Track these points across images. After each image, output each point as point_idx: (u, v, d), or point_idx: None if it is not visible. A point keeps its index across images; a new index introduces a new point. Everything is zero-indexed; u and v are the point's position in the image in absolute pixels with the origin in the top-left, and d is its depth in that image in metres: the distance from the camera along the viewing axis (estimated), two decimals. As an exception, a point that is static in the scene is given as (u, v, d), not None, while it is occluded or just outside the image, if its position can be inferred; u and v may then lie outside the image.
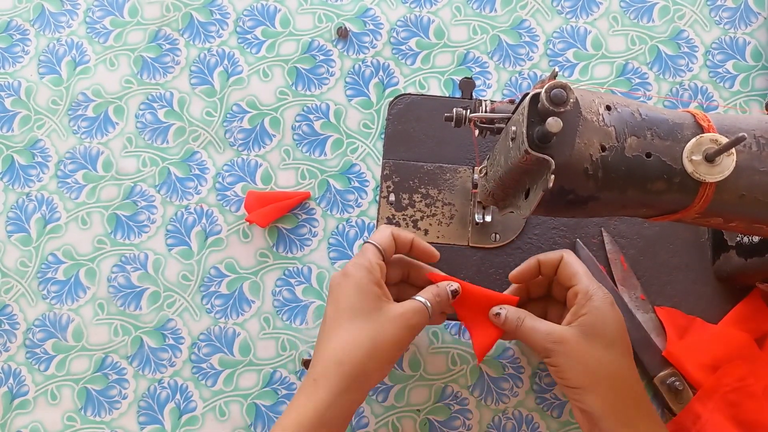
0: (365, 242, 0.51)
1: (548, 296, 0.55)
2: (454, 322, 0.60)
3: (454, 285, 0.51)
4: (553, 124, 0.38)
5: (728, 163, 0.40)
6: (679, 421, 0.55)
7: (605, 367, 0.47)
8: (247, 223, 0.62)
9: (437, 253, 0.54)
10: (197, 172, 0.64)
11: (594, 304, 0.48)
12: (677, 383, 0.55)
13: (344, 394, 0.46)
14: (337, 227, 0.62)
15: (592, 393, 0.47)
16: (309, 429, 0.45)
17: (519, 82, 0.65)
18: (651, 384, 0.56)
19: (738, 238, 0.56)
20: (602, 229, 0.60)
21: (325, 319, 0.50)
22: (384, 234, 0.52)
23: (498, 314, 0.51)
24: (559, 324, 0.49)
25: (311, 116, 0.65)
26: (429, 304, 0.50)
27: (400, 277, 0.54)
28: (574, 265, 0.50)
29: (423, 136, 0.63)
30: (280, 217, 0.62)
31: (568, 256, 0.51)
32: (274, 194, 0.62)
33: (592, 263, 0.58)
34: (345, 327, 0.48)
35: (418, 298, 0.50)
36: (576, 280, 0.49)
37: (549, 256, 0.52)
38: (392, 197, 0.62)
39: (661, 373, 0.56)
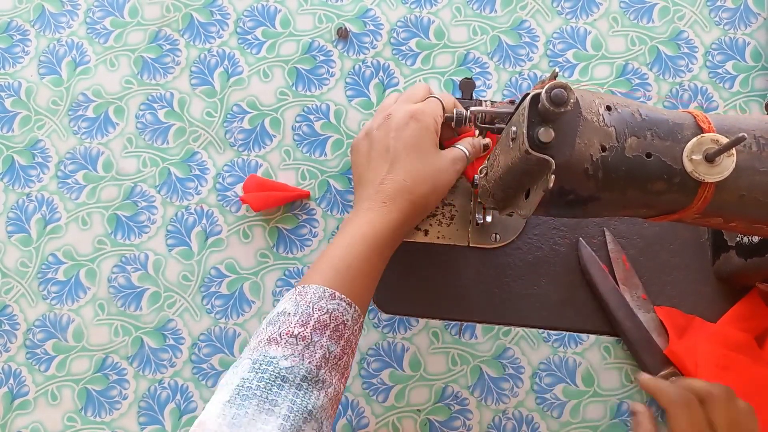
0: (432, 96, 0.55)
1: None
2: (454, 322, 0.60)
3: (486, 140, 0.58)
4: (544, 133, 0.38)
5: (728, 163, 0.40)
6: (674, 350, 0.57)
7: None
8: (241, 203, 0.62)
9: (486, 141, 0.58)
10: (197, 172, 0.64)
11: None
12: None
13: (410, 219, 0.52)
14: (338, 228, 0.62)
15: None
16: (388, 241, 0.50)
17: (519, 82, 0.65)
18: None
19: (738, 238, 0.56)
20: (604, 228, 0.60)
21: (395, 148, 0.52)
22: (449, 100, 0.56)
23: (635, 413, 0.55)
24: None
25: (311, 117, 0.65)
26: (468, 154, 0.56)
27: None
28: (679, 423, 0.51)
29: (423, 137, 0.63)
30: (274, 208, 0.62)
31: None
32: (274, 183, 0.62)
33: (594, 262, 0.59)
34: (412, 161, 0.52)
35: (459, 146, 0.55)
36: None
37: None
38: None
39: (661, 373, 0.56)
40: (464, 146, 0.56)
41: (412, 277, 0.59)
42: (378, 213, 0.50)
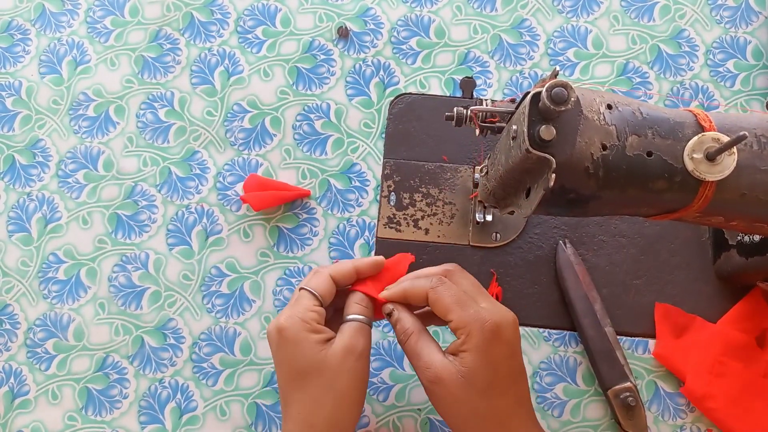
0: (300, 288, 0.49)
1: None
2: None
3: (389, 308, 0.48)
4: (545, 132, 0.38)
5: (729, 162, 0.40)
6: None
7: (480, 417, 0.44)
8: (242, 202, 0.62)
9: (381, 259, 0.51)
10: (198, 171, 0.64)
11: (474, 342, 0.44)
12: (630, 399, 0.55)
13: None
14: (338, 227, 0.62)
15: None
16: None
17: (520, 81, 0.65)
18: (605, 396, 0.56)
19: (739, 237, 0.56)
20: (562, 241, 0.59)
21: (279, 382, 0.48)
22: (320, 280, 0.49)
23: (390, 315, 0.48)
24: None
25: (312, 116, 0.65)
26: (363, 317, 0.48)
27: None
28: (443, 301, 0.45)
29: (424, 136, 0.63)
30: (275, 207, 0.62)
31: (434, 293, 0.46)
32: (275, 183, 0.62)
33: (569, 266, 0.58)
34: (302, 391, 0.46)
35: (349, 317, 0.48)
36: (450, 315, 0.45)
37: (415, 289, 0.47)
38: (393, 197, 0.62)
39: (616, 387, 0.55)
40: (353, 312, 0.48)
41: (413, 276, 0.59)
42: None
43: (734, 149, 0.40)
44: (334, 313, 0.51)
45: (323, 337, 0.47)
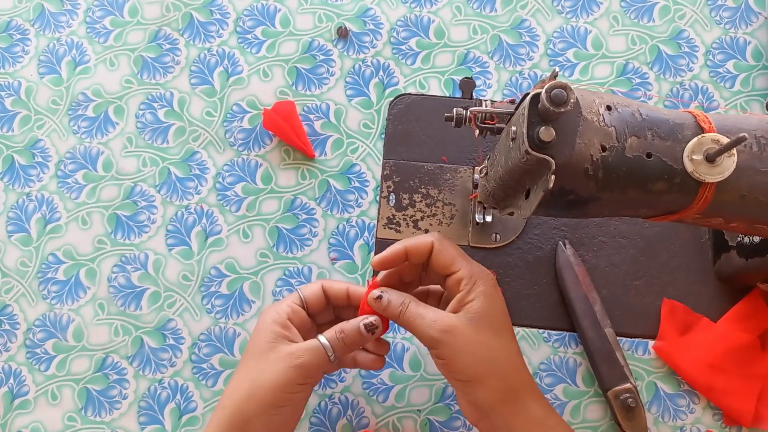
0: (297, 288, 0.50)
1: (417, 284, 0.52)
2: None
3: (371, 318, 0.47)
4: (545, 133, 0.38)
5: (729, 163, 0.40)
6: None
7: (495, 356, 0.45)
8: (262, 117, 0.63)
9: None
10: (197, 172, 0.64)
11: (481, 288, 0.45)
12: (630, 400, 0.55)
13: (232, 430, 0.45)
14: (338, 227, 0.62)
15: (483, 385, 0.45)
16: None
17: (519, 82, 0.65)
18: (605, 397, 0.56)
19: (739, 239, 0.56)
20: (561, 242, 0.59)
21: None
22: (311, 286, 0.51)
23: (379, 298, 0.47)
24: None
25: (311, 116, 0.65)
26: (327, 343, 0.47)
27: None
28: (449, 251, 0.47)
29: (423, 136, 0.63)
30: (275, 141, 0.63)
31: (440, 243, 0.47)
32: (298, 125, 0.63)
33: (569, 267, 0.58)
34: (237, 371, 0.48)
35: (319, 336, 0.48)
36: (456, 265, 0.46)
37: (417, 243, 0.48)
38: (392, 197, 0.62)
39: (616, 388, 0.55)
40: (326, 335, 0.47)
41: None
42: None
43: (734, 151, 0.40)
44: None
45: (282, 333, 0.47)
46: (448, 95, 0.65)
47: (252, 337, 0.49)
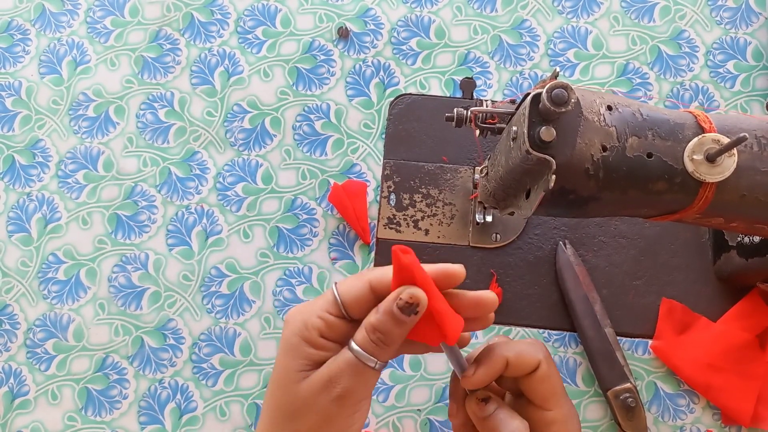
0: (335, 283, 0.38)
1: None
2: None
3: (405, 295, 0.34)
4: (545, 133, 0.38)
5: (729, 163, 0.40)
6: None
7: None
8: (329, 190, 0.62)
9: (454, 269, 0.37)
10: (198, 172, 0.64)
11: None
12: (630, 400, 0.55)
13: None
14: (338, 227, 0.62)
15: None
16: None
17: (520, 82, 0.65)
18: (605, 397, 0.56)
19: (739, 238, 0.56)
20: (562, 242, 0.59)
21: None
22: (353, 283, 0.37)
23: (485, 401, 0.39)
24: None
25: (312, 116, 0.65)
26: (362, 350, 0.35)
27: None
28: (554, 380, 0.39)
29: (424, 136, 0.63)
30: (340, 214, 0.62)
31: (548, 366, 0.39)
32: (361, 208, 0.61)
33: (569, 267, 0.58)
34: (266, 403, 0.38)
35: (351, 343, 0.36)
36: (554, 403, 0.39)
37: (523, 357, 0.38)
38: (393, 198, 0.62)
39: (616, 388, 0.55)
40: (359, 340, 0.35)
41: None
42: None
43: (734, 150, 0.40)
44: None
45: (315, 355, 0.36)
46: (448, 95, 0.65)
47: (277, 363, 0.38)
